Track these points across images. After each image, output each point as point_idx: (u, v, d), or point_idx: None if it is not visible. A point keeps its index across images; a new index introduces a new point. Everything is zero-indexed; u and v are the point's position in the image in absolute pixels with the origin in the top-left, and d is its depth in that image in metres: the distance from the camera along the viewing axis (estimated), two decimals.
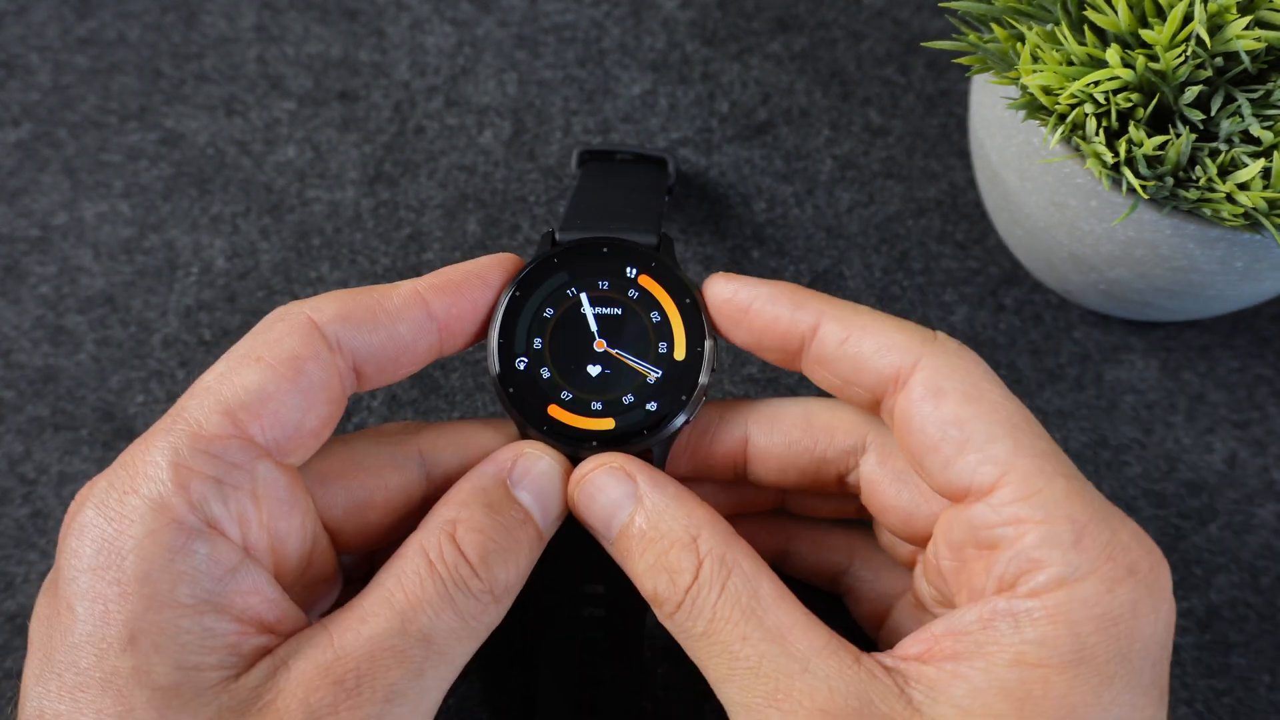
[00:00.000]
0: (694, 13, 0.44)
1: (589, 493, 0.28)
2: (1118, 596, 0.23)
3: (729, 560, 0.26)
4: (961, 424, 0.25)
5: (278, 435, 0.26)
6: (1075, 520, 0.24)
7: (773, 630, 0.25)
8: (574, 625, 0.30)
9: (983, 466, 0.25)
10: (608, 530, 0.27)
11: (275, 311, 0.27)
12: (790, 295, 0.28)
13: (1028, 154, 0.33)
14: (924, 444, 0.26)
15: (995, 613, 0.24)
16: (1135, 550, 0.24)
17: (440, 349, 0.29)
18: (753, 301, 0.28)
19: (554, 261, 0.29)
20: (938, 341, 0.26)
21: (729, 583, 0.25)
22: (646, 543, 0.26)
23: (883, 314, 0.28)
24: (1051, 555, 0.24)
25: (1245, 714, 0.34)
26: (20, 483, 0.37)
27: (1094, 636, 0.23)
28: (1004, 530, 0.24)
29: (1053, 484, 0.24)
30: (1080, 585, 0.23)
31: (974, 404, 0.25)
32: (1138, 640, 0.23)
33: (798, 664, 0.24)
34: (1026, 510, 0.24)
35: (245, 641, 0.25)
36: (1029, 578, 0.24)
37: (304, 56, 0.43)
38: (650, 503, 0.27)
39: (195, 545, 0.24)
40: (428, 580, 0.26)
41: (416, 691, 0.25)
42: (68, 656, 0.24)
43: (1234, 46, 0.27)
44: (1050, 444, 0.25)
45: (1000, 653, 0.23)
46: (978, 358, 0.26)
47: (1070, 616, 0.23)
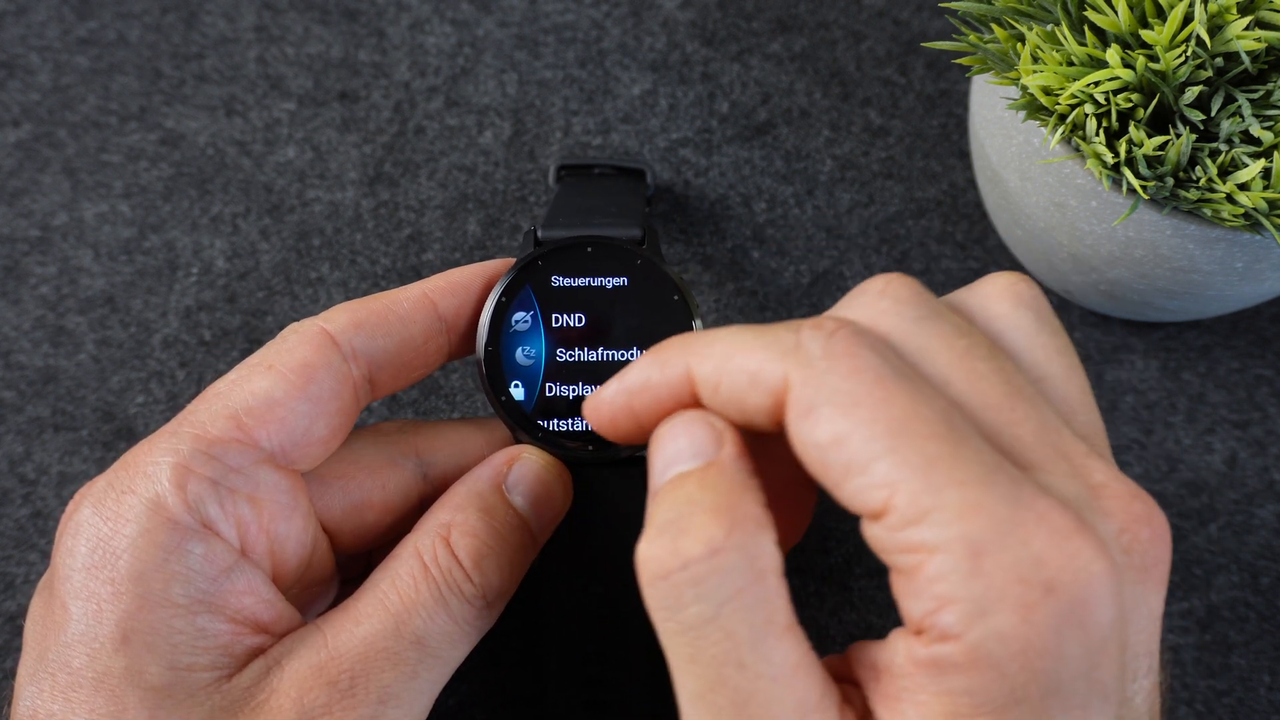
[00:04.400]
0: (694, 13, 0.44)
1: (671, 431, 0.24)
2: (1035, 625, 0.20)
3: (759, 566, 0.22)
4: (840, 443, 0.21)
5: (284, 441, 0.26)
6: (971, 541, 0.20)
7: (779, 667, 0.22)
8: (576, 625, 0.30)
9: (869, 491, 0.21)
10: (661, 473, 0.24)
11: (290, 325, 0.28)
12: (652, 359, 0.25)
13: (1028, 154, 0.32)
14: (813, 470, 0.22)
15: (916, 662, 0.21)
16: (1053, 560, 0.20)
17: (450, 351, 0.29)
18: (629, 393, 0.25)
19: (538, 263, 0.29)
20: (801, 349, 0.22)
21: (749, 590, 0.22)
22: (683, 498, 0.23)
23: (744, 331, 0.23)
24: (952, 589, 0.20)
25: (1245, 714, 0.34)
26: (20, 483, 0.37)
27: (1021, 676, 0.20)
28: (902, 558, 0.21)
29: (943, 498, 0.21)
30: (991, 620, 0.20)
31: (849, 415, 0.21)
32: (1066, 665, 0.21)
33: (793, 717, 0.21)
34: (918, 535, 0.21)
35: (239, 642, 0.25)
36: (936, 619, 0.21)
37: (304, 56, 0.43)
38: (719, 469, 0.23)
39: (190, 545, 0.24)
40: (422, 583, 0.26)
41: (410, 693, 0.25)
42: (60, 656, 0.24)
43: (1234, 47, 0.27)
44: (944, 443, 0.21)
45: (932, 703, 0.21)
46: (854, 347, 0.22)
47: (991, 659, 0.20)
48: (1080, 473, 0.23)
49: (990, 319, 0.25)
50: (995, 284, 0.26)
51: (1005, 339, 0.25)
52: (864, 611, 0.35)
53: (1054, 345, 0.25)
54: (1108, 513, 0.22)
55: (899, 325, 0.24)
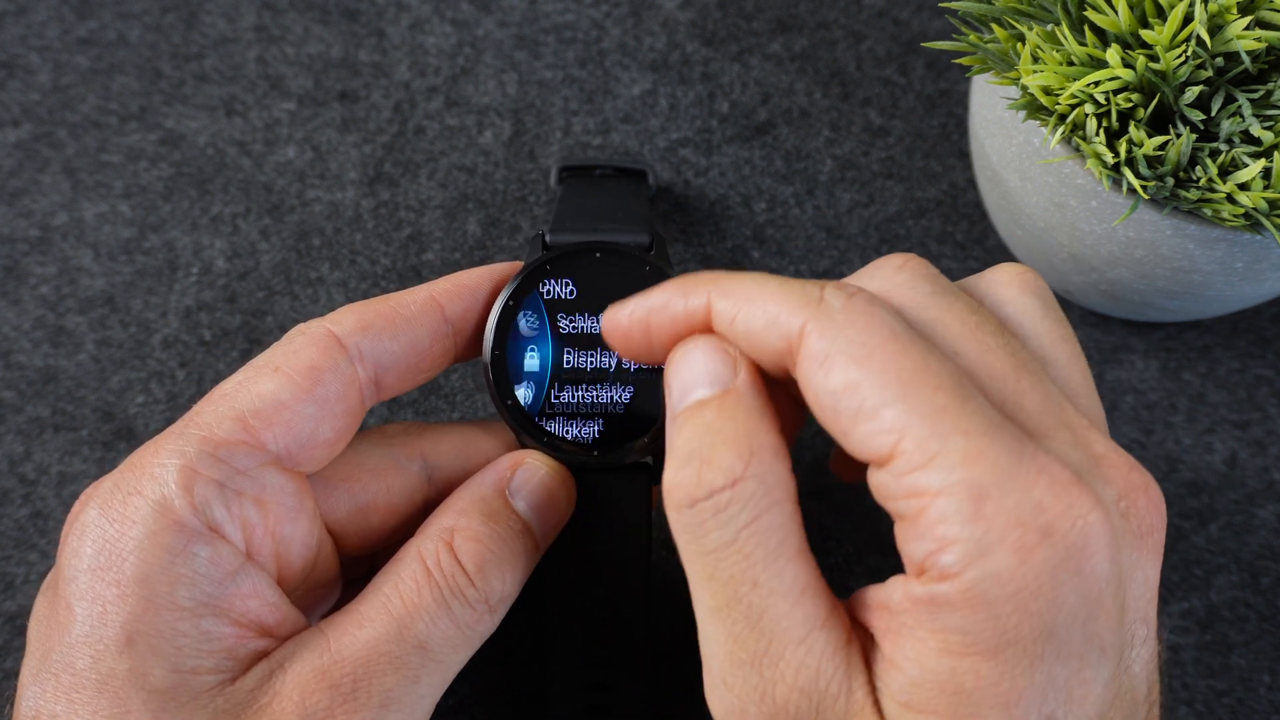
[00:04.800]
0: (694, 13, 0.44)
1: (687, 355, 0.25)
2: (1031, 567, 0.21)
3: (775, 494, 0.23)
4: (853, 390, 0.22)
5: (290, 443, 0.26)
6: (974, 485, 0.21)
7: (789, 587, 0.23)
8: (579, 630, 0.30)
9: (877, 436, 0.22)
10: (680, 398, 0.25)
11: (296, 327, 0.28)
12: (679, 285, 0.26)
13: (1028, 154, 0.32)
14: (823, 416, 0.23)
15: (914, 600, 0.22)
16: (1052, 507, 0.21)
17: (457, 354, 0.29)
18: (649, 310, 0.26)
19: (547, 268, 0.29)
20: (823, 302, 0.24)
21: (765, 517, 0.23)
22: (703, 427, 0.24)
23: (770, 279, 0.25)
24: (954, 531, 0.21)
25: (1245, 714, 0.34)
26: (20, 483, 0.37)
27: (1014, 616, 0.21)
28: (906, 503, 0.22)
29: (948, 444, 0.21)
30: (989, 560, 0.21)
31: (863, 365, 0.22)
32: (1061, 610, 0.21)
33: (799, 632, 0.23)
34: (924, 479, 0.22)
35: (243, 645, 0.25)
36: (936, 559, 0.21)
37: (304, 56, 0.43)
38: (736, 397, 0.24)
39: (196, 548, 0.24)
40: (425, 588, 0.26)
41: (412, 697, 0.25)
42: (64, 657, 0.24)
43: (1234, 47, 0.27)
44: (951, 395, 0.22)
45: (928, 640, 0.22)
46: (872, 307, 0.23)
47: (986, 598, 0.21)
48: (1082, 443, 0.23)
49: (999, 303, 0.26)
50: (1004, 272, 0.27)
51: (1012, 322, 0.26)
52: None
53: (1058, 331, 0.26)
54: (1107, 479, 0.23)
55: (914, 298, 0.25)
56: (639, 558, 0.30)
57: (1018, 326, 0.26)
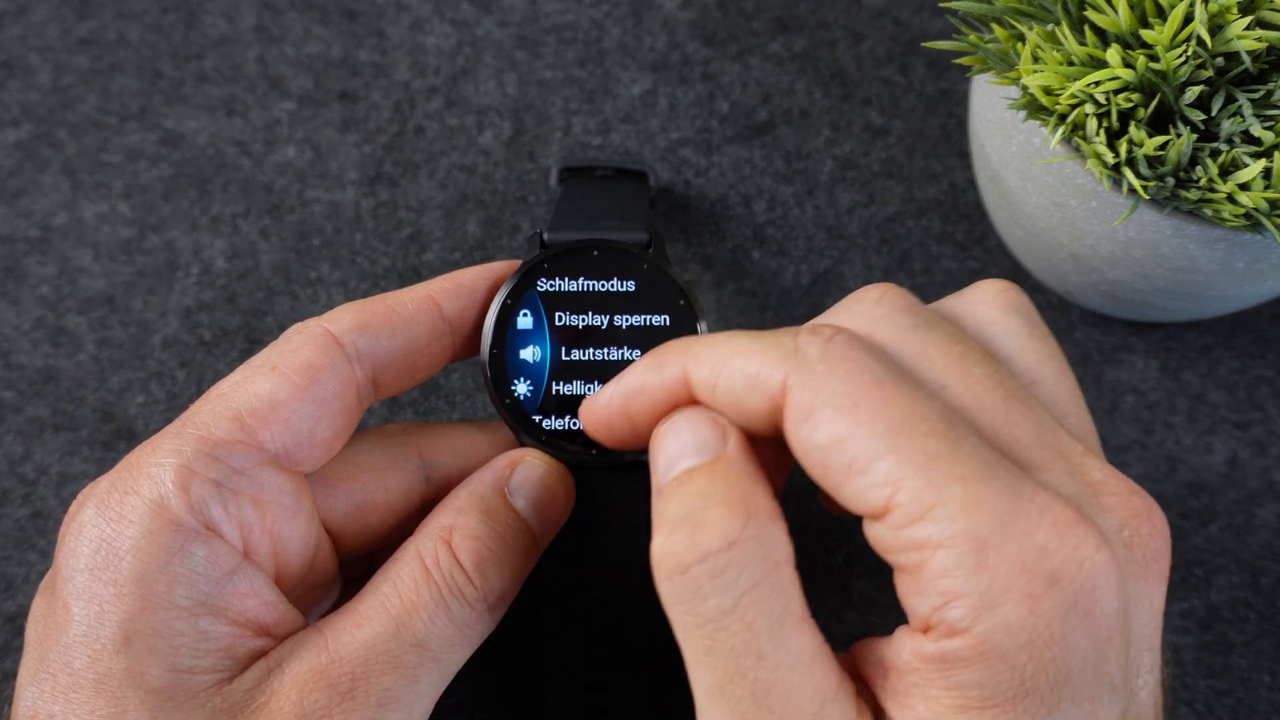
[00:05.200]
0: (694, 13, 0.44)
1: (672, 428, 0.24)
2: (1041, 616, 0.20)
3: (774, 557, 0.22)
4: (841, 444, 0.22)
5: (287, 443, 0.26)
6: (975, 535, 0.21)
7: (797, 657, 0.22)
8: (578, 629, 0.30)
9: (871, 491, 0.21)
10: (667, 470, 0.24)
11: (294, 326, 0.28)
12: (650, 361, 0.25)
13: (1028, 154, 0.32)
14: (813, 472, 0.23)
15: (924, 658, 0.21)
16: (1057, 552, 0.21)
17: (454, 353, 0.29)
18: (626, 396, 0.25)
19: (544, 266, 0.29)
20: (800, 352, 0.23)
21: (767, 582, 0.22)
22: (694, 492, 0.23)
23: (743, 336, 0.24)
24: (958, 584, 0.21)
25: (1245, 714, 0.34)
26: (20, 483, 0.37)
27: (1030, 666, 0.21)
28: (906, 556, 0.21)
29: (945, 493, 0.21)
30: (998, 611, 0.20)
31: (850, 416, 0.22)
32: (1074, 655, 0.21)
33: (810, 707, 0.22)
34: (922, 532, 0.21)
35: (240, 644, 0.25)
36: (943, 614, 0.21)
37: (304, 56, 0.43)
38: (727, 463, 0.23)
39: (193, 547, 0.24)
40: (423, 586, 0.26)
41: (410, 697, 0.25)
42: (62, 656, 0.24)
43: (1235, 47, 0.27)
44: (943, 440, 0.21)
45: (941, 698, 0.21)
46: (851, 351, 0.22)
47: (999, 650, 0.21)
48: (1078, 471, 0.23)
49: (981, 325, 0.26)
50: (984, 290, 0.26)
51: (996, 344, 0.25)
52: (864, 612, 0.35)
53: (1044, 350, 0.26)
54: (1107, 509, 0.23)
55: (895, 333, 0.24)
56: (638, 557, 0.29)
57: (1002, 347, 0.25)
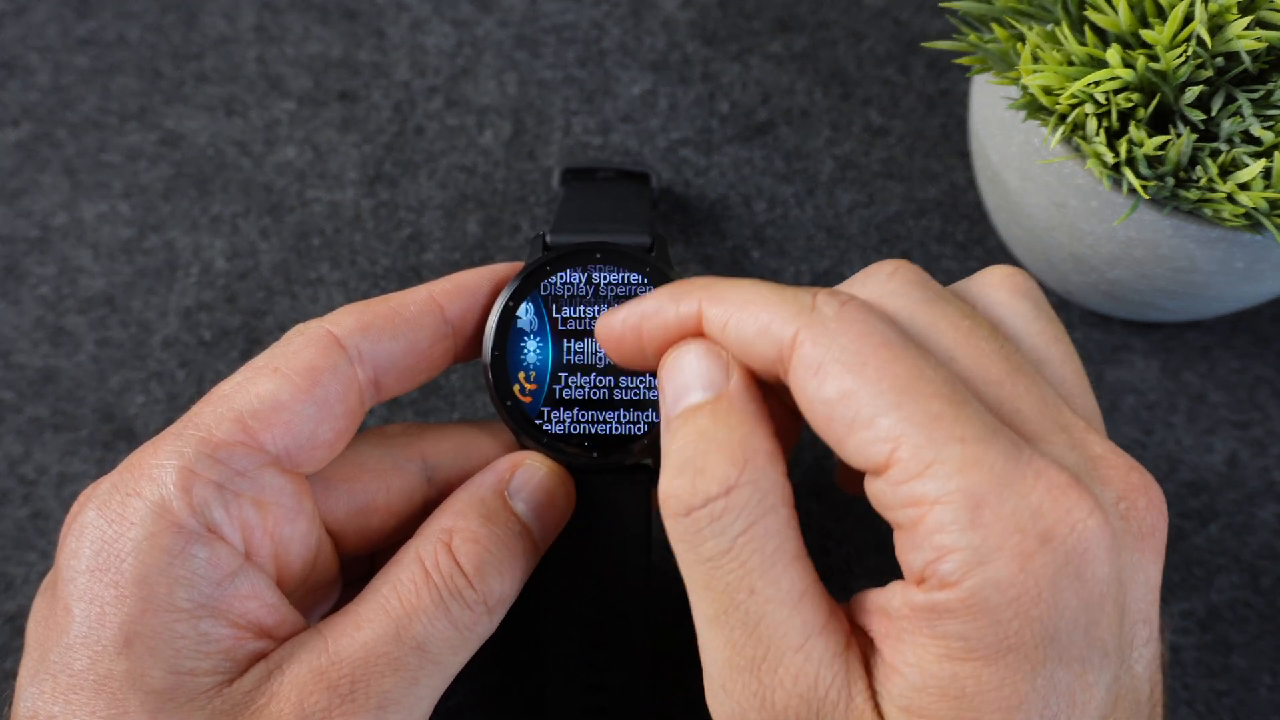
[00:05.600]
0: (694, 13, 0.44)
1: (680, 359, 0.25)
2: (1031, 573, 0.21)
3: (770, 500, 0.23)
4: (847, 399, 0.22)
5: (289, 444, 0.26)
6: (971, 492, 0.21)
7: (786, 593, 0.23)
8: (578, 632, 0.30)
9: (873, 445, 0.22)
10: (674, 403, 0.25)
11: (296, 327, 0.28)
12: (671, 291, 0.26)
13: (1028, 154, 0.32)
14: (818, 425, 0.23)
15: (914, 607, 0.22)
16: (1050, 513, 0.21)
17: (456, 354, 0.29)
18: (641, 316, 0.26)
19: (547, 269, 0.29)
20: (816, 310, 0.23)
21: (761, 523, 0.23)
22: (697, 434, 0.24)
23: (763, 286, 0.25)
24: (952, 539, 0.21)
25: (1246, 715, 0.34)
26: (20, 483, 0.37)
27: (1015, 622, 0.21)
28: (904, 512, 0.22)
29: (944, 452, 0.21)
30: (989, 567, 0.21)
31: (857, 374, 0.22)
32: (1062, 615, 0.21)
33: (797, 638, 0.23)
34: (921, 488, 0.22)
35: (241, 646, 0.25)
36: (936, 567, 0.21)
37: (304, 56, 0.43)
38: (729, 401, 0.24)
39: (194, 549, 0.24)
40: (423, 589, 0.26)
41: (410, 699, 0.25)
42: (62, 658, 0.24)
43: (1235, 46, 0.27)
44: (946, 402, 0.22)
45: (928, 646, 0.22)
46: (864, 315, 0.23)
47: (986, 604, 0.21)
48: (1079, 445, 0.23)
49: (990, 306, 0.26)
50: (994, 274, 0.27)
51: (1005, 325, 0.26)
52: None
53: (1050, 332, 0.26)
54: (1106, 481, 0.23)
55: (907, 305, 0.25)
56: (638, 559, 0.29)
57: (1011, 329, 0.26)
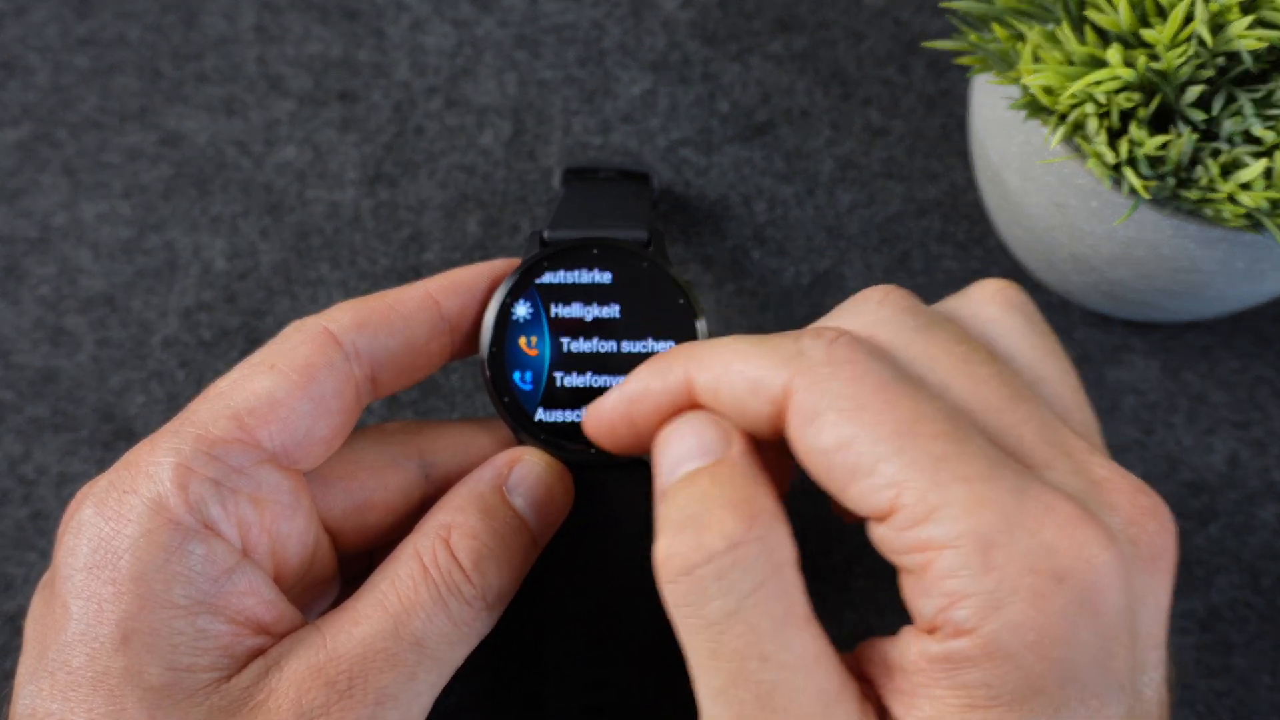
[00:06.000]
0: (694, 13, 0.44)
1: (677, 432, 0.24)
2: (1048, 614, 0.20)
3: (778, 558, 0.22)
4: (846, 447, 0.22)
5: (286, 441, 0.26)
6: (980, 535, 0.21)
7: (800, 658, 0.22)
8: (577, 628, 0.30)
9: (876, 493, 0.22)
10: (671, 472, 0.24)
11: (292, 324, 0.28)
12: (652, 367, 0.25)
13: (1028, 154, 0.32)
14: (818, 475, 0.23)
15: (930, 658, 0.21)
16: (1063, 550, 0.21)
17: (453, 351, 0.29)
18: (629, 401, 0.25)
19: (544, 264, 0.29)
20: (803, 355, 0.23)
21: (770, 583, 0.22)
22: (699, 494, 0.23)
23: (744, 341, 0.24)
24: (964, 585, 0.21)
25: (1246, 715, 0.34)
26: (20, 483, 0.37)
27: (1038, 665, 0.21)
28: (911, 558, 0.22)
29: (949, 494, 0.21)
30: (1005, 611, 0.20)
31: (854, 420, 0.22)
32: (1081, 653, 0.21)
33: (815, 707, 0.22)
34: (927, 533, 0.21)
35: (239, 643, 0.25)
36: (949, 615, 0.21)
37: (304, 56, 0.43)
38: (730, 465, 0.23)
39: (191, 546, 0.24)
40: (421, 584, 0.26)
41: (408, 695, 0.25)
42: (60, 655, 0.24)
43: (1236, 46, 0.27)
44: (949, 441, 0.21)
45: (947, 698, 0.21)
46: (854, 354, 0.23)
47: (1007, 650, 0.20)
48: (1083, 469, 0.23)
49: (983, 324, 0.26)
50: (985, 290, 0.26)
51: (999, 343, 0.26)
52: (864, 612, 0.35)
53: (1046, 347, 0.26)
54: (1113, 506, 0.23)
55: (898, 334, 0.24)
56: (637, 555, 0.29)
57: (1004, 348, 0.25)
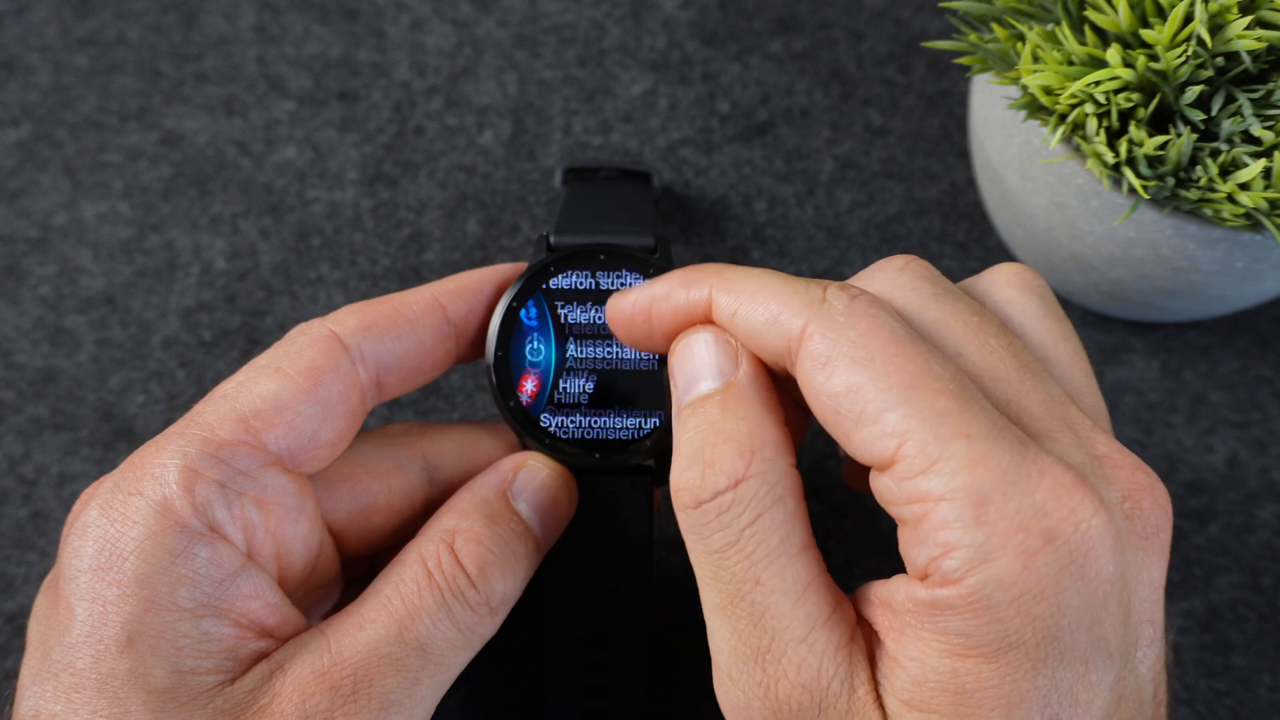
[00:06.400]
0: (694, 13, 0.44)
1: (689, 346, 0.25)
2: (1034, 572, 0.21)
3: (777, 491, 0.23)
4: (854, 393, 0.22)
5: (291, 444, 0.26)
6: (976, 490, 0.21)
7: (791, 584, 0.23)
8: (578, 633, 0.30)
9: (879, 440, 0.22)
10: (685, 391, 0.25)
11: (298, 326, 0.28)
12: (682, 275, 0.26)
13: (1028, 154, 0.32)
14: (824, 418, 0.23)
15: (917, 602, 0.22)
16: (1054, 512, 0.21)
17: (459, 355, 0.29)
18: (651, 299, 0.26)
19: (551, 269, 0.29)
20: (825, 303, 0.24)
21: (767, 515, 0.23)
22: (707, 424, 0.24)
23: (774, 276, 0.25)
24: (956, 536, 0.21)
25: (1245, 714, 0.34)
26: (20, 483, 0.37)
27: (1017, 620, 0.21)
28: (908, 508, 0.22)
29: (950, 449, 0.21)
30: (992, 565, 0.21)
31: (865, 368, 0.22)
32: (1065, 614, 0.21)
33: (801, 629, 0.23)
34: (925, 484, 0.22)
35: (243, 645, 0.25)
36: (939, 564, 0.22)
37: (304, 56, 0.43)
38: (738, 392, 0.24)
39: (196, 548, 0.24)
40: (425, 590, 0.26)
41: (411, 700, 0.25)
42: (64, 656, 0.24)
43: (1235, 46, 0.27)
44: (953, 399, 0.22)
45: (930, 641, 0.22)
46: (874, 309, 0.23)
47: (989, 602, 0.21)
48: (1085, 443, 0.23)
49: (999, 303, 0.27)
50: (1003, 272, 0.27)
51: (1013, 322, 0.26)
52: None
53: (1059, 330, 0.26)
54: (1111, 480, 0.23)
55: (916, 299, 0.25)
56: (639, 561, 0.29)
57: (1019, 326, 0.26)
